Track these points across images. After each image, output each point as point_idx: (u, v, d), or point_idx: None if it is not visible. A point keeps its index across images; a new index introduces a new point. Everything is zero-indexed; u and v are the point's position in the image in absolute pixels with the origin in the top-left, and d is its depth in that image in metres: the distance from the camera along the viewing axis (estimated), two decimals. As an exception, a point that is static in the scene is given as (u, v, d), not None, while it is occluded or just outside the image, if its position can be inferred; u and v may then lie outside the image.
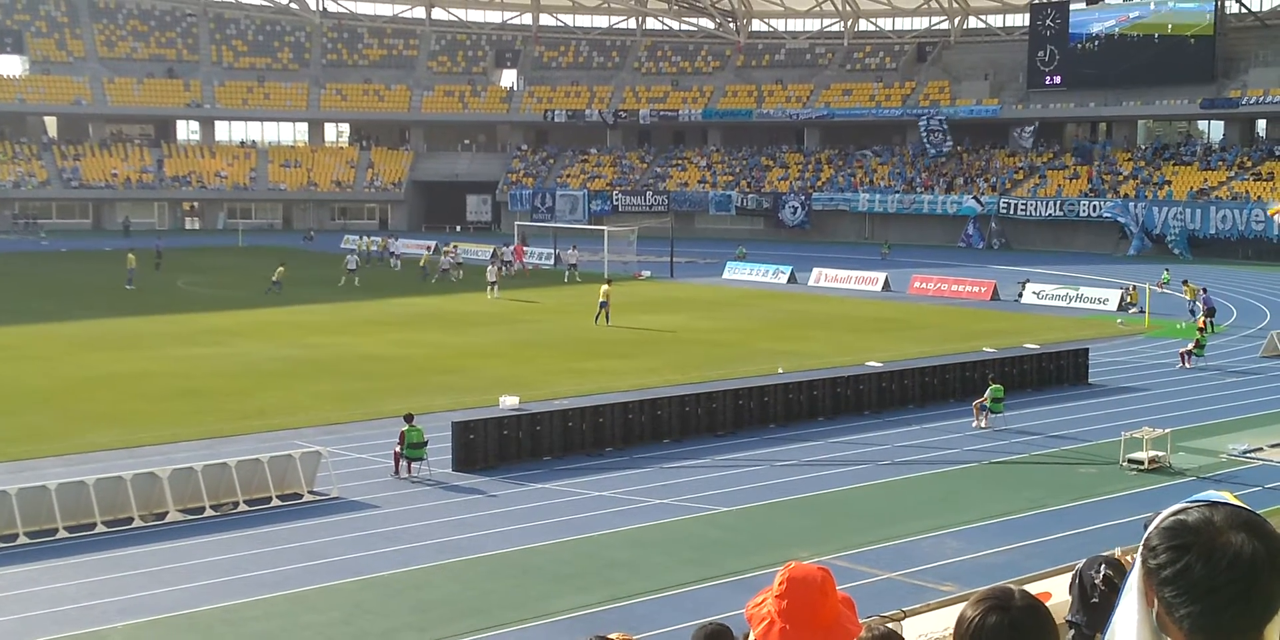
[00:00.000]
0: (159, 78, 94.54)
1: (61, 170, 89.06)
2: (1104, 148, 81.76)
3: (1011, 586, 2.71)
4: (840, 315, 45.58)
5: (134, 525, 19.39)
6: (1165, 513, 2.02)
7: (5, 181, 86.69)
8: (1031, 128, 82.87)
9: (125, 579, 17.15)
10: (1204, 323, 37.75)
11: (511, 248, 64.10)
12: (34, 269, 60.33)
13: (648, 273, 60.77)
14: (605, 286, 43.38)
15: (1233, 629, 1.92)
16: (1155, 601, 1.99)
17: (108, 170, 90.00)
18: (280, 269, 51.23)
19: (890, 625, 4.94)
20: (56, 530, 18.85)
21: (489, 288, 50.81)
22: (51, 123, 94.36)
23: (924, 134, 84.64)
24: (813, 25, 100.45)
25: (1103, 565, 8.92)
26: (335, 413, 27.75)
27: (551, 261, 64.81)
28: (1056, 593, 9.01)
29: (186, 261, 61.65)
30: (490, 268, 52.72)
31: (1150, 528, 2.01)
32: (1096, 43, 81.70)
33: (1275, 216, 66.15)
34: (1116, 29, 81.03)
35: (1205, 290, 43.84)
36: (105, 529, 19.13)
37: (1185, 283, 47.26)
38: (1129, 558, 9.53)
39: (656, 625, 14.95)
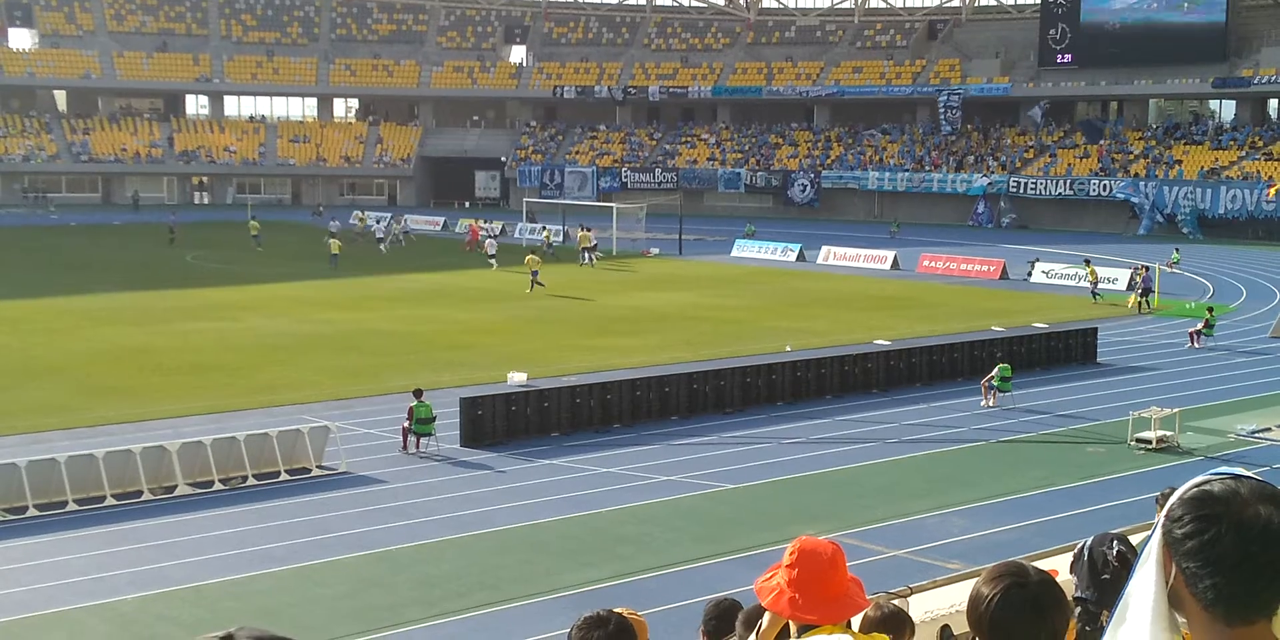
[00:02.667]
0: (168, 52, 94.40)
1: (71, 144, 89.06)
2: (1115, 126, 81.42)
3: (1023, 562, 2.71)
4: (849, 293, 45.52)
5: (143, 498, 19.50)
6: (1187, 484, 2.00)
7: (15, 155, 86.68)
8: (1042, 105, 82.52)
9: (134, 552, 17.25)
10: (1134, 300, 39.64)
11: (468, 227, 64.87)
12: (43, 243, 60.40)
13: (656, 250, 60.69)
14: (531, 256, 46.50)
15: (1257, 602, 1.90)
16: (1174, 574, 1.95)
17: (117, 144, 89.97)
18: None
19: (897, 602, 4.98)
20: (66, 503, 18.96)
21: (489, 260, 52.68)
22: (61, 97, 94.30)
23: (943, 111, 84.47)
24: (823, 2, 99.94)
25: (1115, 541, 8.84)
26: (344, 388, 27.82)
27: (560, 238, 64.75)
28: (1063, 570, 9.01)
29: (195, 236, 61.62)
30: (489, 240, 55.09)
31: (1172, 499, 1.99)
32: (1109, 21, 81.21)
33: (1275, 194, 65.83)
34: (1129, 7, 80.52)
35: (1147, 269, 42.85)
36: (114, 502, 19.23)
37: (1087, 262, 46.89)
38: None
39: (663, 601, 15.00)
